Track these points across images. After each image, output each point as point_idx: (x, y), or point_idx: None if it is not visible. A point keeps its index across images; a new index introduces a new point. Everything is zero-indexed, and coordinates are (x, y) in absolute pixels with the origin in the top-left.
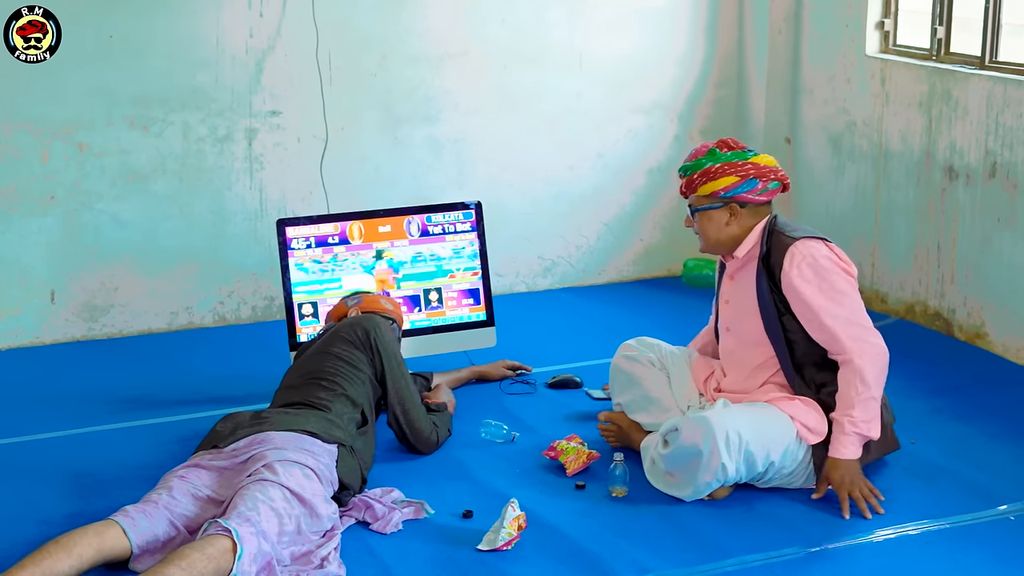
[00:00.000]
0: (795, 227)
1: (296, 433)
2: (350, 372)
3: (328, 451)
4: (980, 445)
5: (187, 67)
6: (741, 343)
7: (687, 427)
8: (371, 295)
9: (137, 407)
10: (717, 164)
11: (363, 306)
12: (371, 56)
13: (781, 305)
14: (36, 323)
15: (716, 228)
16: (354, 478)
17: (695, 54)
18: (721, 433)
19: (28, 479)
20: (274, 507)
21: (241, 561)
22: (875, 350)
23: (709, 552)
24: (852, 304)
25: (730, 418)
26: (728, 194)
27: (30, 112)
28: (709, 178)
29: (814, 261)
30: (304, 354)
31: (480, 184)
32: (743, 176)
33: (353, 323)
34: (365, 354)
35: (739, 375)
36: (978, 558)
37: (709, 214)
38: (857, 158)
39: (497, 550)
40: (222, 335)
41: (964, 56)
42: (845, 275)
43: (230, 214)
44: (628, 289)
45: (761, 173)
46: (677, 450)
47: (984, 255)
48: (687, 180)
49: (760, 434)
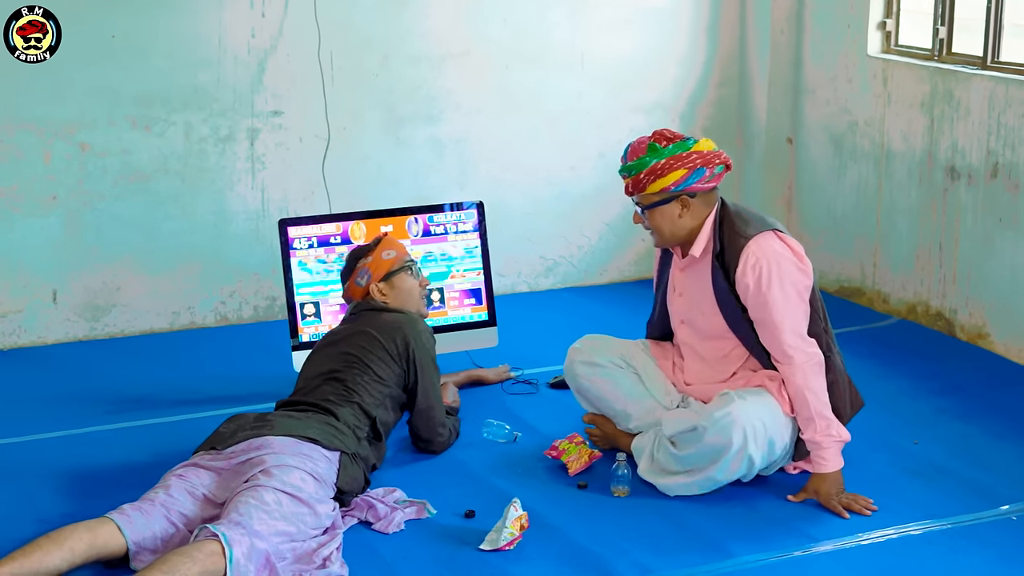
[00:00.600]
0: (746, 217)
1: (296, 439)
2: (374, 387)
3: (328, 458)
4: (982, 445)
5: (189, 67)
6: (700, 337)
7: (711, 427)
8: (378, 258)
9: (139, 407)
10: (662, 160)
11: (376, 275)
12: (373, 56)
13: (742, 301)
14: (38, 323)
15: (670, 222)
16: (355, 485)
17: (697, 54)
18: (750, 427)
19: (29, 479)
20: (267, 509)
21: (235, 562)
22: (813, 359)
23: (711, 552)
24: (794, 312)
25: (750, 410)
26: (678, 188)
27: (32, 112)
28: (657, 175)
29: (767, 263)
30: (331, 343)
31: (482, 184)
32: (691, 167)
33: (392, 328)
34: (399, 366)
35: (702, 367)
36: (980, 558)
37: (661, 210)
38: (859, 158)
39: (499, 550)
40: (224, 335)
41: (966, 56)
42: (796, 274)
43: (232, 214)
44: (630, 289)
45: (707, 160)
46: (700, 450)
47: (986, 255)
48: (633, 180)
49: (774, 421)
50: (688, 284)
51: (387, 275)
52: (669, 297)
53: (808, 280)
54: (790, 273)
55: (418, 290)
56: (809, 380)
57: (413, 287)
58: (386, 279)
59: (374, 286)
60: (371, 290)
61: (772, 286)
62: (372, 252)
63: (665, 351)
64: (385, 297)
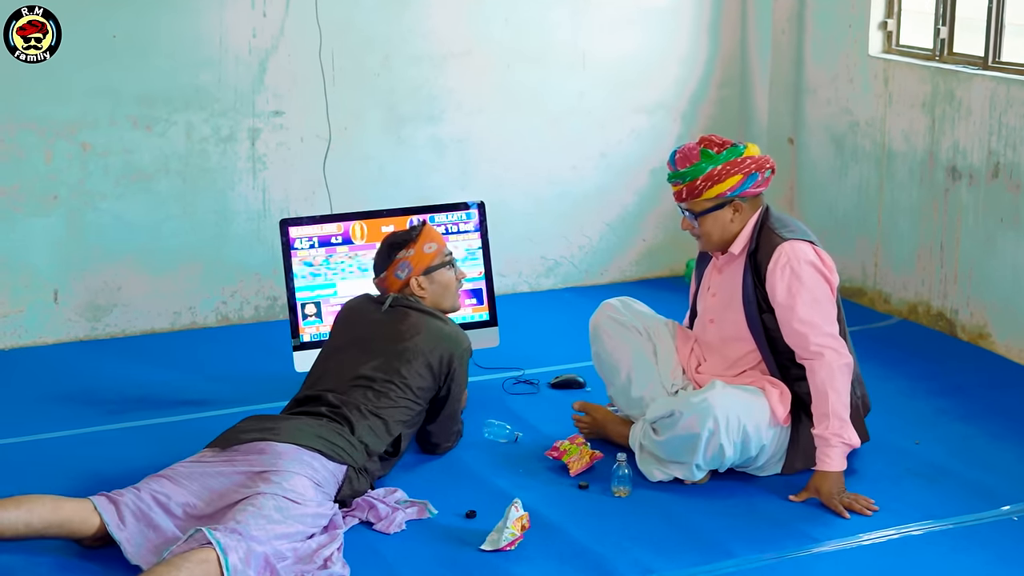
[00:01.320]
0: (786, 223)
1: (300, 447)
2: (408, 404)
3: (330, 470)
4: (983, 446)
5: (190, 67)
6: (723, 337)
7: (688, 413)
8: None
9: (139, 407)
10: (718, 166)
11: (417, 269)
12: (374, 56)
13: (763, 302)
14: (39, 323)
15: (720, 227)
16: (357, 495)
17: (698, 54)
18: (723, 416)
19: (30, 479)
20: (266, 514)
21: (232, 568)
22: (842, 359)
23: (712, 552)
24: (825, 312)
25: (730, 400)
26: (733, 193)
27: (34, 112)
28: (714, 181)
29: (798, 264)
30: (363, 337)
31: (483, 184)
32: (746, 172)
33: (437, 341)
34: (436, 382)
35: (718, 366)
36: (981, 559)
37: (714, 215)
38: (860, 158)
39: (500, 550)
40: (225, 335)
41: (967, 56)
42: (824, 283)
43: (233, 214)
44: (631, 289)
45: (760, 165)
46: (676, 436)
47: (987, 255)
48: (688, 186)
49: (755, 418)
50: (722, 284)
51: (428, 269)
52: (701, 296)
53: (832, 293)
54: (817, 278)
55: (455, 284)
56: (835, 378)
57: (451, 282)
58: (427, 273)
59: (415, 280)
60: (411, 284)
61: (803, 284)
62: (414, 245)
63: (688, 338)
64: (423, 291)
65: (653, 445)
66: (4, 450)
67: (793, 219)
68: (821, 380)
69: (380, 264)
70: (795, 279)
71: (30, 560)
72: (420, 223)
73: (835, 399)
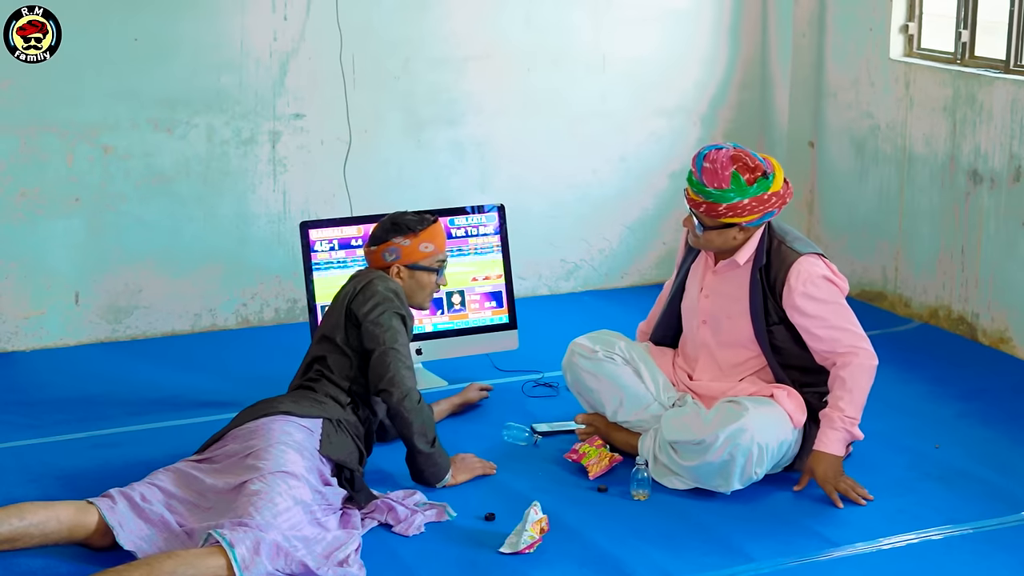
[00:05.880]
0: (793, 236)
1: (266, 418)
2: (348, 353)
3: (306, 428)
4: (1004, 450)
5: (211, 70)
6: (721, 342)
7: (720, 439)
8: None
9: (160, 409)
10: (745, 200)
11: (404, 260)
12: (394, 59)
13: (775, 315)
14: (60, 325)
15: (724, 240)
16: (348, 453)
17: (718, 57)
18: (762, 442)
19: (49, 481)
20: (261, 496)
21: (240, 560)
22: (872, 360)
23: (732, 556)
24: (851, 316)
25: (761, 423)
26: (750, 224)
27: (55, 115)
28: (736, 213)
29: (819, 279)
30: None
31: (503, 187)
32: (766, 210)
33: (372, 296)
34: (357, 321)
35: (713, 369)
36: (1002, 563)
37: (723, 231)
38: (881, 162)
39: (519, 553)
40: (245, 337)
41: (989, 60)
42: (840, 292)
43: (253, 216)
44: (650, 293)
45: (783, 203)
46: (707, 463)
47: (1008, 259)
48: (708, 206)
49: (782, 434)
50: (720, 287)
51: (414, 266)
52: (690, 295)
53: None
54: (835, 290)
55: (432, 287)
56: (860, 376)
57: (430, 284)
58: (411, 268)
59: (396, 267)
60: (392, 269)
61: (827, 297)
62: (413, 237)
63: (664, 353)
64: (401, 281)
65: (676, 467)
66: (26, 451)
67: (794, 230)
68: (848, 373)
69: (377, 236)
70: (819, 293)
71: (48, 563)
72: (433, 219)
73: (857, 393)
